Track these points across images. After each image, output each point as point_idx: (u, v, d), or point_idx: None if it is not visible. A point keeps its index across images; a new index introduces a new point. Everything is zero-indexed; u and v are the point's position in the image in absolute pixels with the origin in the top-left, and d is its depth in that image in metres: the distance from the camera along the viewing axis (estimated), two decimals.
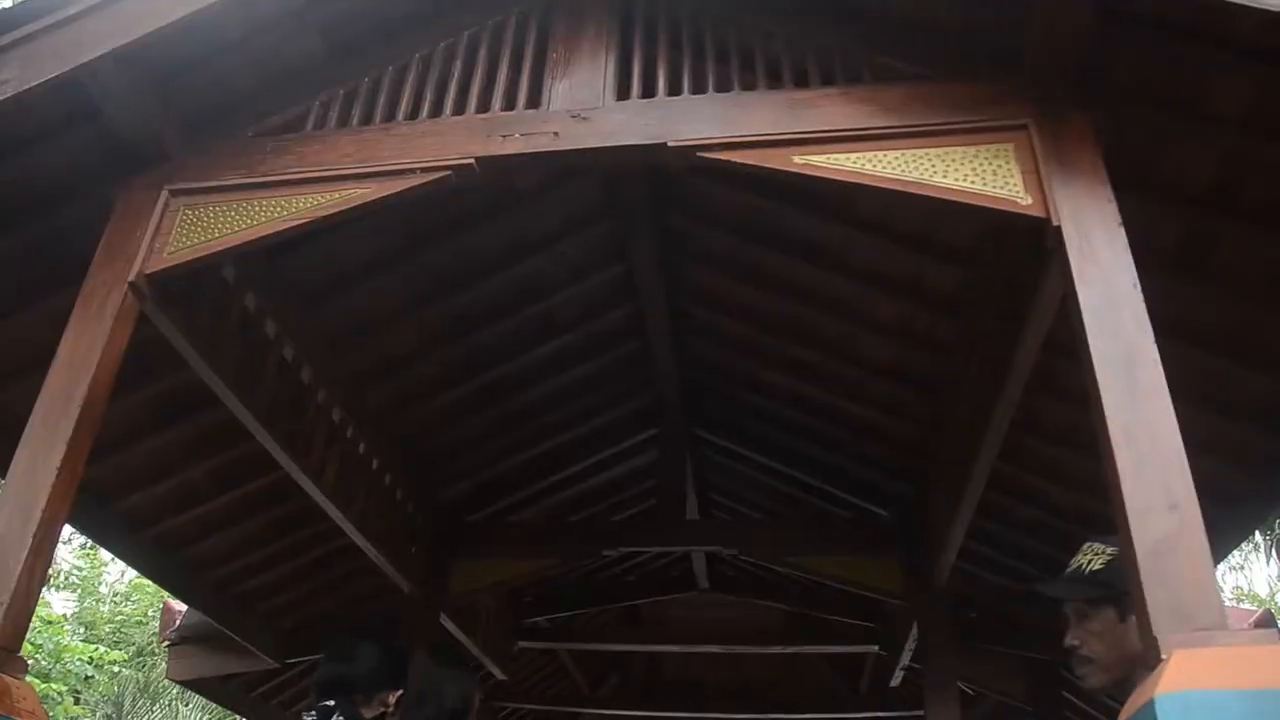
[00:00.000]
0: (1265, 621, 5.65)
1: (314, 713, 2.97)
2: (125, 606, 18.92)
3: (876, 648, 7.01)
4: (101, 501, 4.61)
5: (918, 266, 4.08)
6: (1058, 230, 2.42)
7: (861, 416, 5.21)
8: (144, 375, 3.96)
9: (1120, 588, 2.08)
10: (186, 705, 17.38)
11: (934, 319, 4.29)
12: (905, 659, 6.15)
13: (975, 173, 2.58)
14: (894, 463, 5.48)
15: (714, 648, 7.95)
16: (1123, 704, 2.00)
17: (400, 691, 3.18)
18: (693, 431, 6.14)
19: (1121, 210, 2.43)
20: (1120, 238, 2.38)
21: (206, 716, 17.37)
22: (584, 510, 6.58)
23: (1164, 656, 1.73)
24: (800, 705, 9.50)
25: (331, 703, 2.98)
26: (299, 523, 5.34)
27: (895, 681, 6.77)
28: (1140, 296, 2.29)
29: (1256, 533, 10.38)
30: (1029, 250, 3.04)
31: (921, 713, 7.56)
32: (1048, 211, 2.47)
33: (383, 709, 3.13)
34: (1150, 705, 1.60)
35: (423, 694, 3.31)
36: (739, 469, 6.52)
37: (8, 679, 2.29)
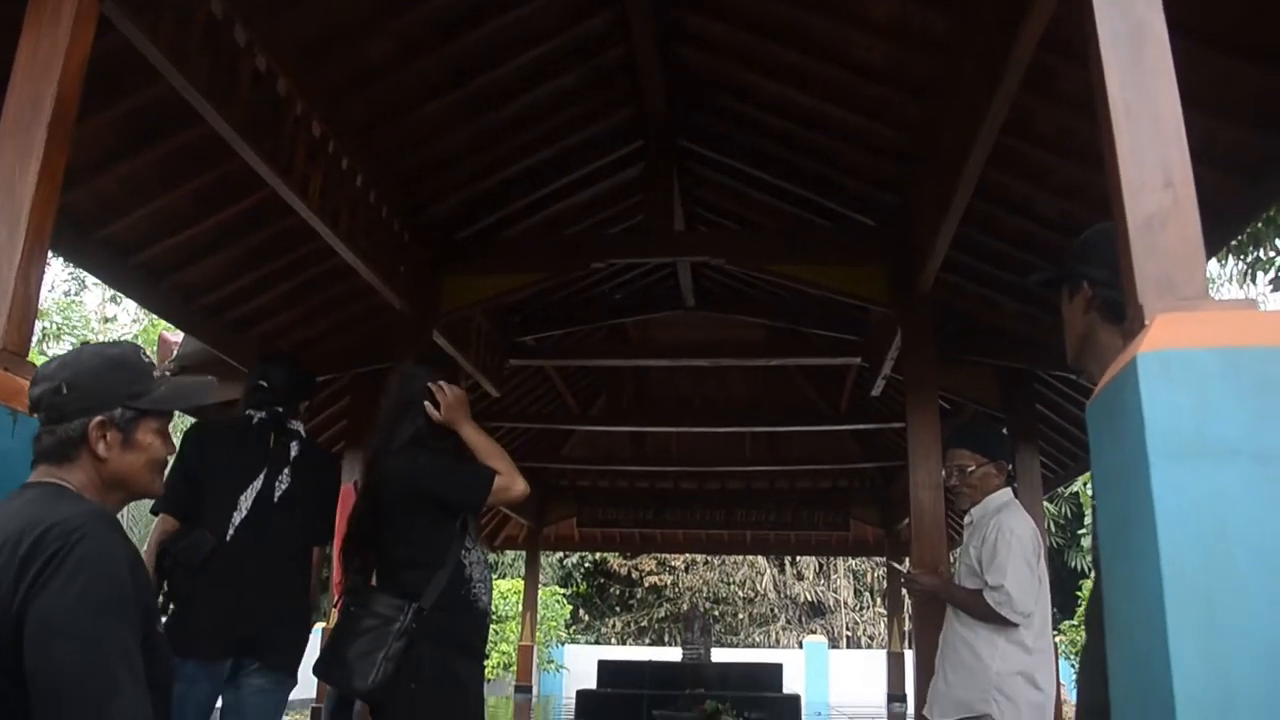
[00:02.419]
0: None
1: (262, 412, 3.55)
2: None
3: (859, 360, 7.22)
4: (82, 229, 4.59)
5: None
6: None
7: (851, 122, 5.11)
8: (113, 92, 3.85)
9: (1069, 269, 2.18)
10: None
11: (929, 14, 4.11)
12: (887, 369, 6.34)
13: None
14: (882, 171, 5.44)
15: (700, 361, 8.18)
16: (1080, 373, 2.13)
17: (308, 402, 3.84)
18: (679, 143, 6.04)
19: None
20: None
21: None
22: (571, 226, 6.57)
23: (1147, 323, 1.77)
24: (784, 420, 9.93)
25: (280, 408, 3.59)
26: (287, 244, 5.34)
27: (876, 391, 7.01)
28: None
29: (1230, 259, 10.51)
30: None
31: (899, 425, 7.93)
32: None
33: (298, 414, 3.71)
34: (1132, 363, 1.64)
35: (410, 399, 3.41)
36: (726, 182, 6.47)
37: (20, 380, 2.33)
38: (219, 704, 3.40)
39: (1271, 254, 9.74)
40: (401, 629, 3.04)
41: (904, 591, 11.89)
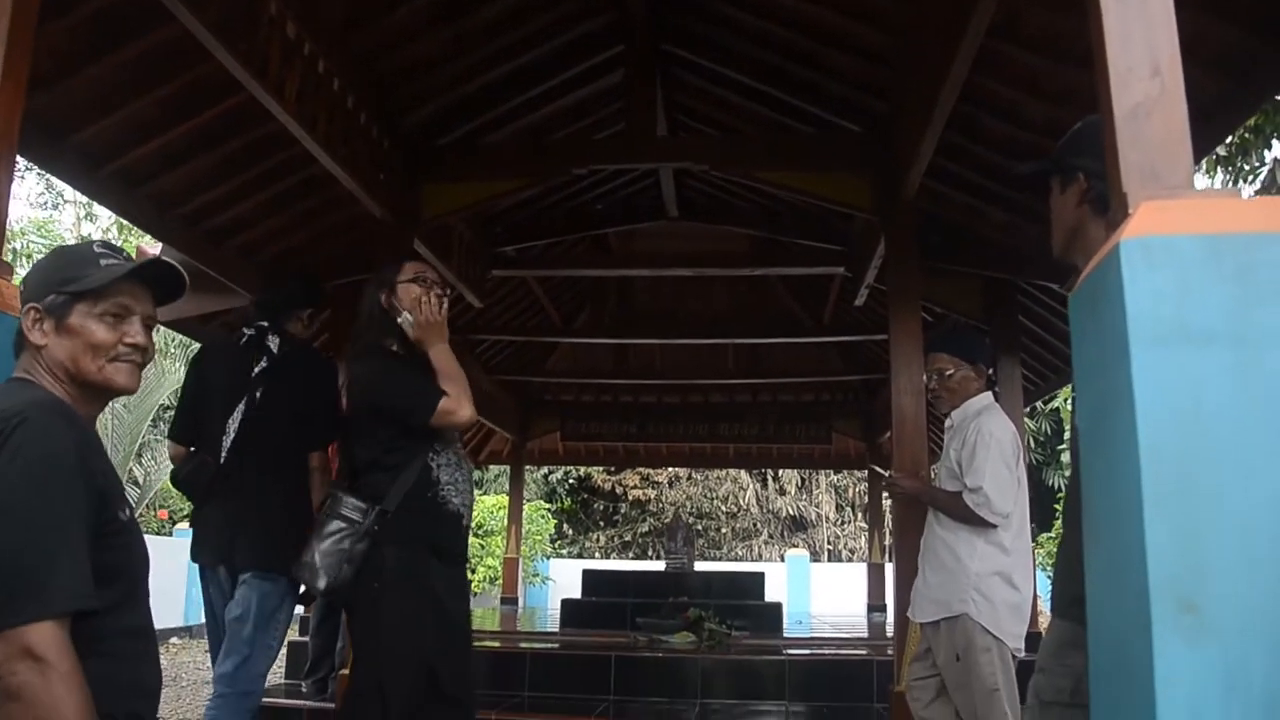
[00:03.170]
0: None
1: (251, 329, 3.96)
2: None
3: (842, 270, 7.21)
4: (53, 135, 4.50)
5: None
6: None
7: (836, 25, 5.01)
8: None
9: (1060, 160, 2.18)
10: (172, 361, 17.93)
11: None
12: (870, 277, 6.33)
13: None
14: (867, 75, 5.35)
15: (683, 271, 8.15)
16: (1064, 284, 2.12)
17: (310, 310, 4.19)
18: (661, 47, 5.92)
19: None
20: None
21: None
22: (553, 133, 6.47)
23: (1131, 211, 1.76)
24: (767, 331, 9.96)
25: (265, 323, 3.97)
26: (265, 151, 5.25)
27: (860, 300, 7.01)
28: None
29: (1219, 171, 10.50)
30: None
31: (881, 337, 7.96)
32: None
33: (301, 323, 4.15)
34: (1115, 250, 1.64)
35: (375, 299, 3.47)
36: (708, 88, 6.37)
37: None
38: None
39: (1257, 164, 9.74)
40: (363, 531, 3.18)
41: (884, 496, 12.06)
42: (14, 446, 1.59)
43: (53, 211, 22.18)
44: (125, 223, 18.72)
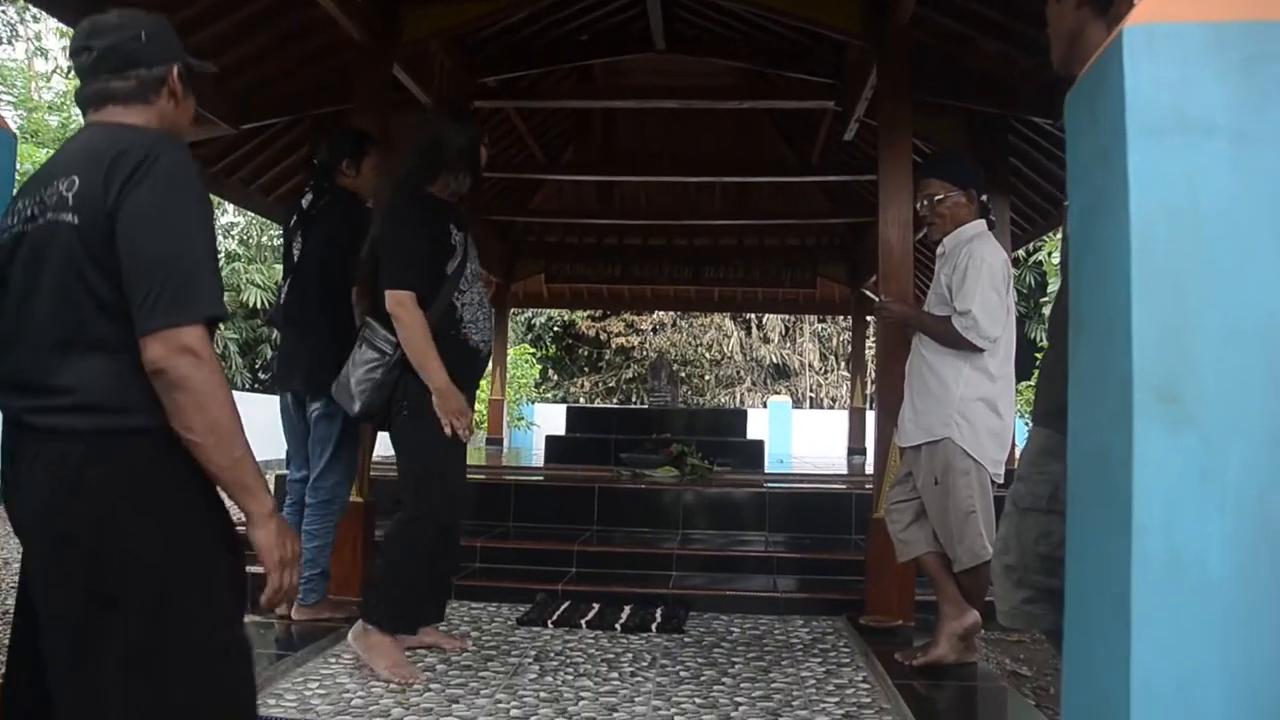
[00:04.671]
0: None
1: (309, 192, 4.33)
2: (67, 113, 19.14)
3: (832, 104, 7.05)
4: None
5: None
6: None
7: None
8: None
9: None
10: None
11: None
12: (861, 110, 6.20)
13: None
14: None
15: (670, 103, 7.96)
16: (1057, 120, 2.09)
17: (347, 159, 4.38)
18: None
19: None
20: None
21: None
22: None
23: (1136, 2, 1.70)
24: (755, 170, 9.84)
25: (314, 178, 4.35)
26: None
27: (849, 134, 6.88)
28: None
29: None
30: None
31: (869, 177, 7.85)
32: None
33: (346, 175, 4.38)
34: (1118, 39, 1.58)
35: (423, 145, 3.77)
36: None
37: None
38: None
39: None
40: (392, 362, 3.59)
41: (870, 320, 12.15)
42: (163, 167, 1.69)
43: (6, 47, 21.54)
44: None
